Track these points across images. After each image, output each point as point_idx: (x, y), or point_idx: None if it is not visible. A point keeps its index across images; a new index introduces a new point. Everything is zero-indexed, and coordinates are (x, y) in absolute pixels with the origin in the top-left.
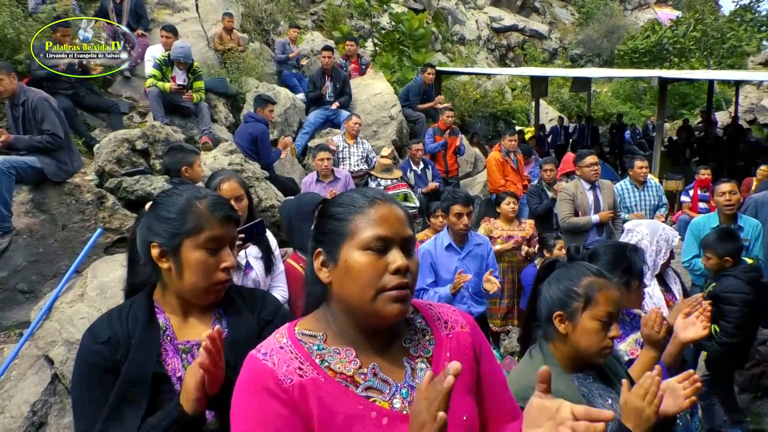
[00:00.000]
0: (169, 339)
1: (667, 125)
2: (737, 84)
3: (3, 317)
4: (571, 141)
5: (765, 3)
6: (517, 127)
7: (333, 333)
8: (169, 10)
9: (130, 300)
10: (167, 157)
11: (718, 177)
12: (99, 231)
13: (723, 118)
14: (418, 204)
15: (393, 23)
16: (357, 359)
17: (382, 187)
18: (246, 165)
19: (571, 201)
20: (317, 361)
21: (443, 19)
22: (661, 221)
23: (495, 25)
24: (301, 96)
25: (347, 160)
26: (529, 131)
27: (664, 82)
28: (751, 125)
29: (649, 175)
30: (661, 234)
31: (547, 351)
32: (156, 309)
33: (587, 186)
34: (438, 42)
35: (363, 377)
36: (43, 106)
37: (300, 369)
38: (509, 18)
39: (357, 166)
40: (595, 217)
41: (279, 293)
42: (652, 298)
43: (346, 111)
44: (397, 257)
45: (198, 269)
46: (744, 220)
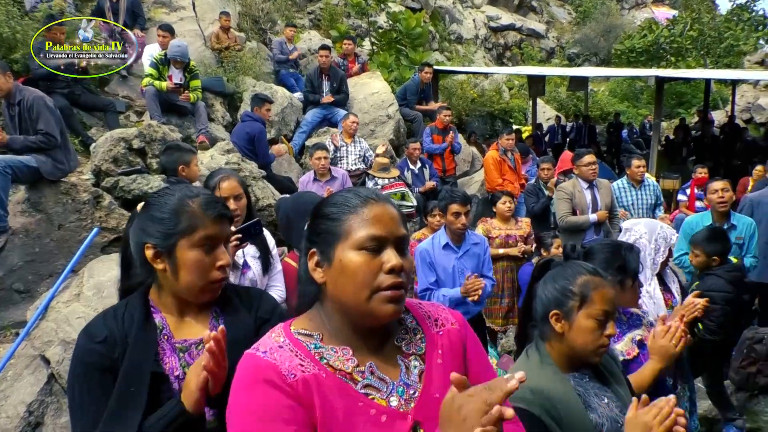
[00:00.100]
0: (166, 338)
1: (664, 124)
2: (734, 83)
3: None
4: (569, 140)
5: (761, 2)
6: (515, 126)
7: (328, 332)
8: (166, 8)
9: (125, 300)
10: (164, 157)
11: (714, 176)
12: (95, 230)
13: (720, 117)
14: (415, 203)
15: (390, 22)
16: (354, 357)
17: (379, 186)
18: (243, 164)
19: (569, 200)
20: (317, 358)
21: (440, 18)
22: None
23: (492, 24)
24: (299, 95)
25: (344, 159)
26: (527, 130)
27: (661, 81)
28: (748, 124)
29: (646, 174)
30: (660, 233)
31: (544, 350)
32: (152, 309)
33: (585, 185)
34: (435, 41)
35: (361, 375)
36: (39, 105)
37: (301, 365)
38: (506, 17)
39: (354, 165)
40: (593, 216)
41: (276, 293)
42: (652, 298)
43: (343, 110)
44: (392, 257)
45: (194, 268)
46: (737, 218)
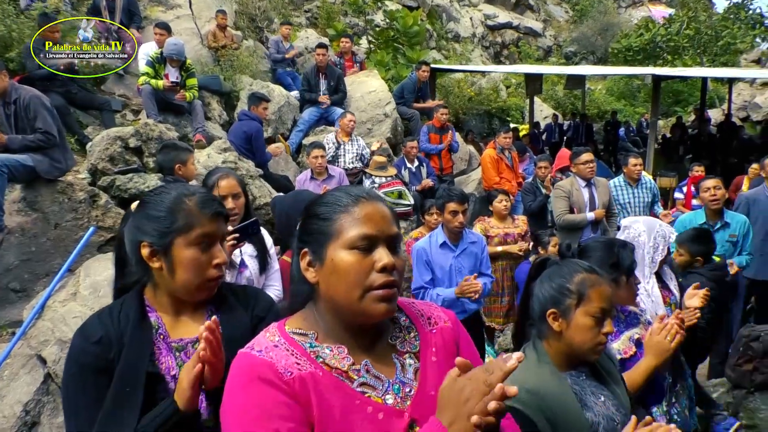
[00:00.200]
0: (162, 338)
1: (661, 122)
2: (730, 81)
3: None
4: (566, 138)
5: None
6: (512, 125)
7: (322, 331)
8: (162, 7)
9: (120, 299)
10: (160, 155)
11: (711, 174)
12: (92, 229)
13: (716, 115)
14: (412, 201)
15: (387, 20)
16: (349, 356)
17: (376, 185)
18: (240, 163)
19: (567, 198)
20: (313, 357)
21: (438, 17)
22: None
23: (489, 23)
24: (296, 93)
25: (342, 157)
26: (524, 129)
27: (657, 79)
28: (744, 122)
29: (643, 173)
30: (658, 230)
31: (541, 349)
32: (147, 308)
33: (583, 183)
34: (432, 39)
35: (357, 373)
36: (36, 104)
37: (298, 364)
38: (504, 15)
39: (352, 163)
40: (591, 215)
41: (273, 292)
42: (650, 296)
43: (340, 108)
44: (384, 255)
45: (190, 267)
46: (731, 216)
